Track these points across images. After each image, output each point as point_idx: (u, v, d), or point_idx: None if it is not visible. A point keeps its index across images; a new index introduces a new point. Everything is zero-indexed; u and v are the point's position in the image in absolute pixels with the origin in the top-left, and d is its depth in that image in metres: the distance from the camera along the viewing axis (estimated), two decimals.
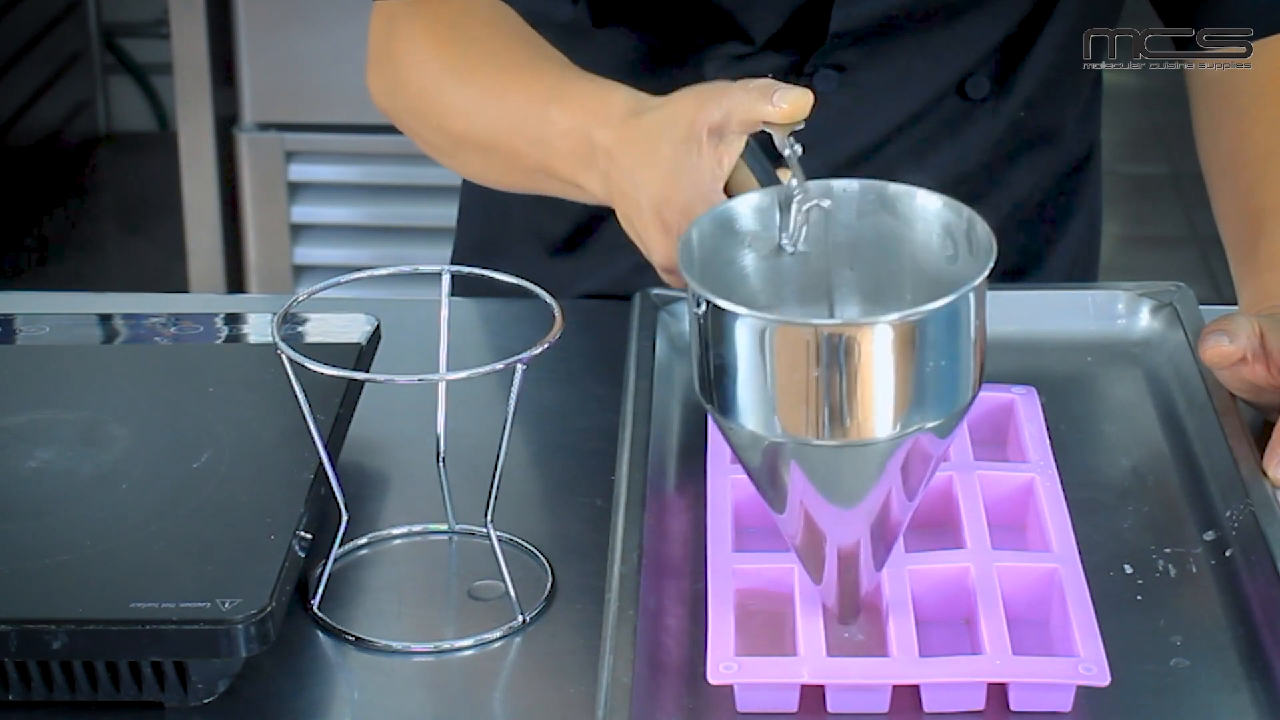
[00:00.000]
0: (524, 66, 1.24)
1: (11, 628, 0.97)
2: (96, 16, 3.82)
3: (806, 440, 0.94)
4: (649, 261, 1.15)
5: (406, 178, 2.87)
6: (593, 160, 1.15)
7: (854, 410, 0.93)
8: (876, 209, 1.01)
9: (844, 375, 0.92)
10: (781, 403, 0.94)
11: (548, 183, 1.22)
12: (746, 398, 0.94)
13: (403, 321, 1.26)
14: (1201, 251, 3.37)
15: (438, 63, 1.28)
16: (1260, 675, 1.01)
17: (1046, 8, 1.35)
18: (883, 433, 0.94)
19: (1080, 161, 1.47)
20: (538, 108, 1.19)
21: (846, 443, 0.94)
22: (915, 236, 1.00)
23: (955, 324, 0.94)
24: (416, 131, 1.31)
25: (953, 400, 0.95)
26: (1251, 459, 1.13)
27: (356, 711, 1.02)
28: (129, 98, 3.91)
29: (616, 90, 1.17)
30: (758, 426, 0.95)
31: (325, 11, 2.78)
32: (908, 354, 0.92)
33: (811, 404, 0.93)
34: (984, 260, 0.96)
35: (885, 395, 0.93)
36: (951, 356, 0.94)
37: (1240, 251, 1.30)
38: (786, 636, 1.01)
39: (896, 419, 0.93)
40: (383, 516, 1.15)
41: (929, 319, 0.92)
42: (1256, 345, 1.16)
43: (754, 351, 0.93)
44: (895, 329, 0.92)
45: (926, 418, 0.94)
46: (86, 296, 1.44)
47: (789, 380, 0.93)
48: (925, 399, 0.94)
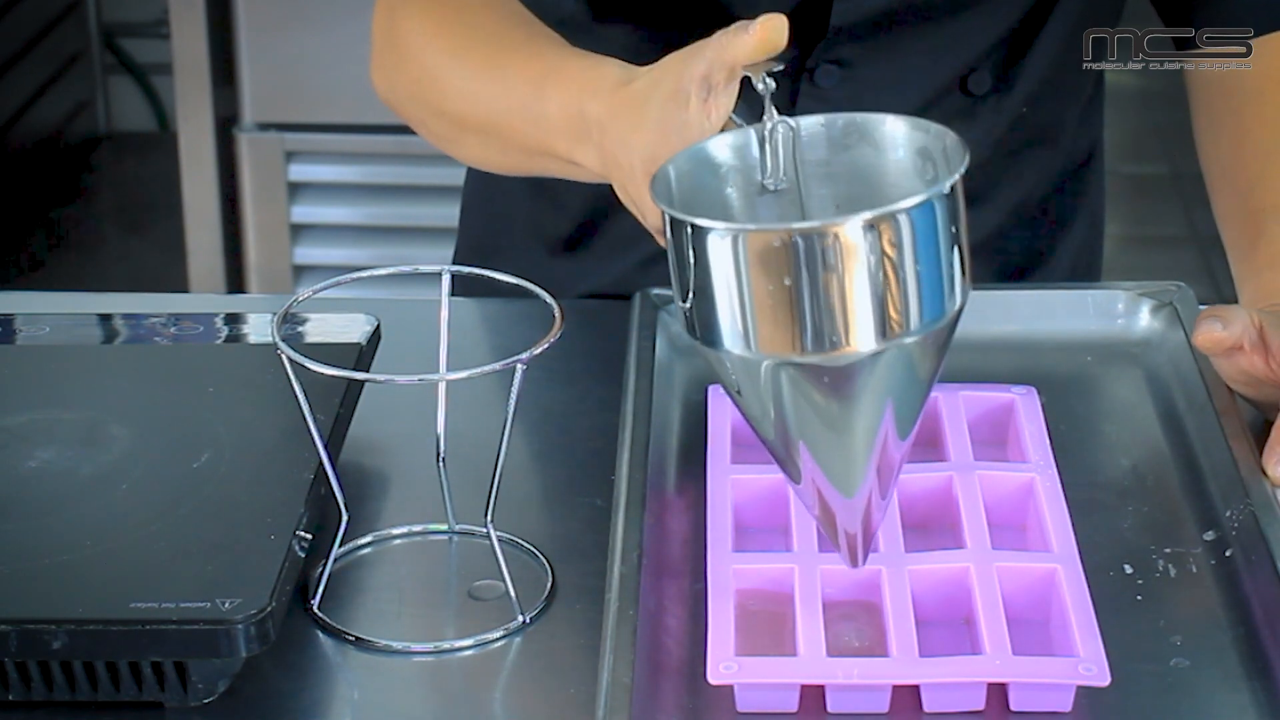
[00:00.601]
0: (521, 47, 1.24)
1: (11, 628, 0.97)
2: (96, 16, 3.82)
3: (788, 359, 0.92)
4: (649, 247, 1.14)
5: (406, 178, 2.87)
6: (586, 134, 1.15)
7: (835, 322, 0.91)
8: (853, 141, 0.99)
9: (821, 282, 0.90)
10: (760, 319, 0.91)
11: (546, 162, 1.22)
12: (726, 319, 0.92)
13: (403, 321, 1.26)
14: (1201, 251, 3.37)
15: (437, 46, 1.28)
16: (1260, 675, 1.01)
17: (1048, 3, 1.35)
18: (865, 345, 0.91)
19: (1082, 161, 1.47)
20: (534, 86, 1.19)
21: (829, 359, 0.91)
22: (891, 164, 0.99)
23: (931, 225, 0.91)
24: (418, 118, 1.32)
25: (937, 307, 0.93)
26: (1251, 459, 1.14)
27: (356, 711, 1.02)
28: (129, 98, 3.91)
29: (608, 64, 1.16)
30: (739, 348, 0.93)
31: (325, 11, 2.78)
32: (885, 255, 0.90)
33: (791, 317, 0.91)
34: (956, 163, 0.94)
35: (865, 303, 0.90)
36: (931, 260, 0.92)
37: (1240, 250, 1.30)
38: (786, 636, 1.01)
39: (879, 329, 0.91)
40: (383, 516, 1.15)
41: (903, 216, 0.90)
42: (1254, 336, 1.16)
43: (728, 267, 0.91)
44: (869, 227, 0.90)
45: (911, 328, 0.92)
46: (86, 296, 1.44)
47: (765, 293, 0.91)
48: (908, 307, 0.91)
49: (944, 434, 1.15)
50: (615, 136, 1.12)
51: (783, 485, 1.11)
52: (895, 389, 0.94)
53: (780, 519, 1.11)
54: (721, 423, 1.17)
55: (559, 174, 1.22)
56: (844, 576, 1.04)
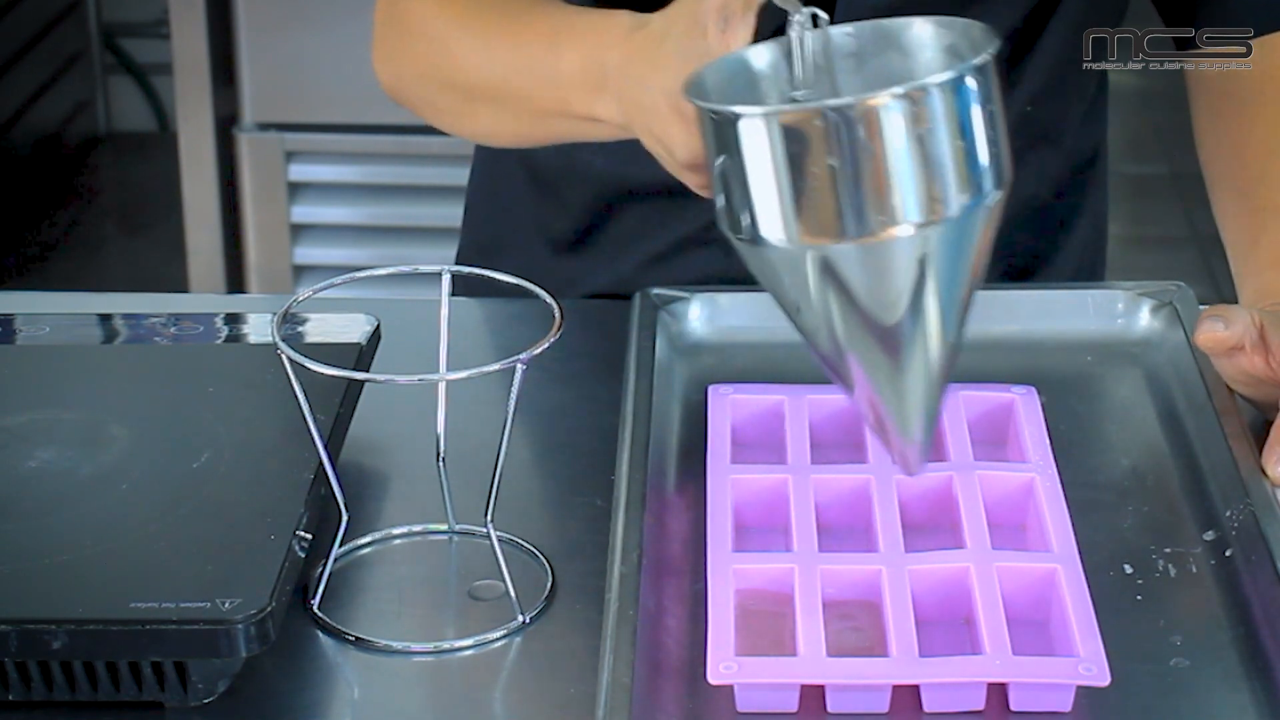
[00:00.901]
0: (530, 10, 1.24)
1: (11, 628, 0.97)
2: (96, 16, 3.82)
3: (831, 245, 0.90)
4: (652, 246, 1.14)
5: (406, 178, 2.87)
6: (604, 84, 1.15)
7: (875, 201, 0.89)
8: (881, 47, 0.99)
9: (858, 159, 0.89)
10: (800, 205, 0.90)
11: (562, 123, 1.21)
12: (765, 210, 0.91)
13: (403, 321, 1.26)
14: (1201, 251, 3.37)
15: (445, 17, 1.28)
16: (1260, 675, 1.01)
17: (1051, 2, 1.35)
18: (907, 223, 0.90)
19: (1086, 162, 1.47)
20: (546, 45, 1.19)
21: (871, 242, 0.90)
22: (921, 65, 0.98)
23: (965, 100, 0.91)
24: (425, 97, 1.31)
25: (977, 186, 0.92)
26: (1251, 459, 1.14)
27: (356, 711, 1.02)
28: (129, 98, 3.92)
29: (619, 14, 1.16)
30: (780, 239, 0.91)
31: (325, 11, 2.78)
32: (922, 132, 0.89)
33: (831, 199, 0.89)
34: (986, 45, 0.93)
35: (904, 178, 0.89)
36: (968, 136, 0.91)
37: (1241, 250, 1.30)
38: (786, 636, 1.01)
39: (921, 206, 0.90)
40: (383, 516, 1.15)
41: (935, 89, 0.90)
42: (1255, 336, 1.16)
43: (763, 152, 0.90)
44: (903, 99, 0.89)
45: (950, 206, 0.91)
46: (86, 296, 1.44)
47: (803, 176, 0.90)
48: (947, 185, 0.91)
49: (944, 434, 1.15)
50: (634, 79, 1.11)
51: (783, 485, 1.11)
52: (940, 273, 0.93)
53: (780, 519, 1.11)
54: (721, 423, 1.17)
55: (575, 135, 1.22)
56: (844, 576, 1.04)
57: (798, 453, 1.14)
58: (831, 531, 1.09)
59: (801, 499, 1.10)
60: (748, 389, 1.20)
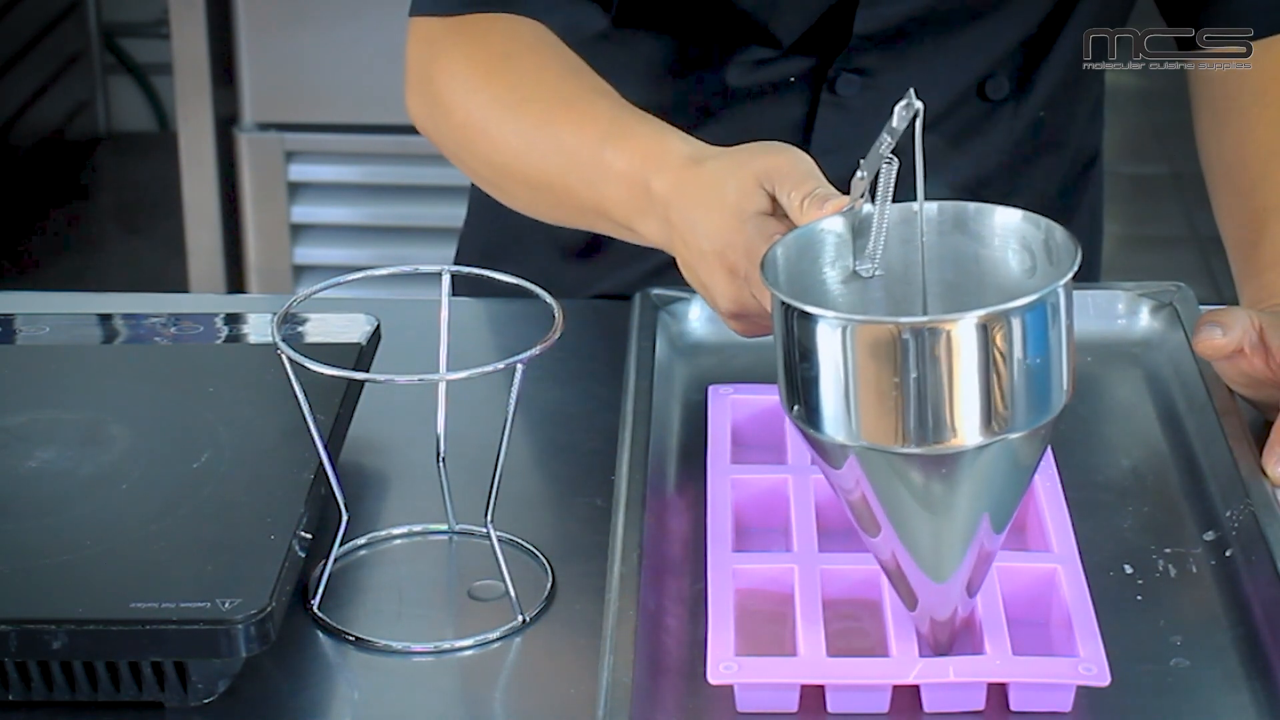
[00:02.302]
0: (576, 103, 1.23)
1: (11, 628, 0.97)
2: (96, 16, 3.82)
3: (891, 449, 0.92)
4: (661, 255, 1.14)
5: (406, 178, 2.87)
6: (649, 207, 1.15)
7: (940, 415, 0.91)
8: (953, 229, 0.99)
9: (928, 376, 0.90)
10: (864, 408, 0.91)
11: (600, 222, 1.21)
12: (829, 405, 0.92)
13: (403, 321, 1.26)
14: (1201, 251, 3.37)
15: (485, 94, 1.26)
16: (1260, 675, 1.01)
17: (1066, 8, 1.35)
18: (970, 440, 0.91)
19: (1088, 161, 1.47)
20: (592, 149, 1.19)
21: (934, 450, 0.91)
22: (992, 254, 0.99)
23: (1041, 324, 0.91)
24: (461, 160, 1.30)
25: (1044, 404, 0.93)
26: (1251, 459, 1.14)
27: (356, 711, 1.02)
28: (129, 98, 3.91)
29: (672, 136, 1.16)
30: (841, 435, 0.93)
31: (325, 11, 2.78)
32: (993, 354, 0.90)
33: (896, 408, 0.91)
34: (1068, 264, 0.93)
35: (971, 399, 0.91)
36: (1039, 359, 0.92)
37: (1241, 250, 1.30)
38: (786, 636, 1.01)
39: (984, 424, 0.91)
40: (383, 516, 1.15)
41: (1015, 316, 0.90)
42: (1254, 338, 1.16)
43: (835, 355, 0.91)
44: (980, 325, 0.90)
45: (1017, 424, 0.92)
46: (86, 296, 1.44)
47: (871, 383, 0.91)
48: (1014, 404, 0.92)
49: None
50: (684, 214, 1.12)
51: (783, 485, 1.11)
52: (996, 481, 0.94)
53: (780, 519, 1.11)
54: (721, 423, 1.17)
55: (611, 234, 1.22)
56: (844, 576, 1.04)
57: (798, 453, 1.14)
58: (831, 531, 1.09)
59: (801, 499, 1.10)
60: (748, 389, 1.20)
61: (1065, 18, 1.35)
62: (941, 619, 0.99)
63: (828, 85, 1.34)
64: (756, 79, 1.34)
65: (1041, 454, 0.96)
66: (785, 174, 1.08)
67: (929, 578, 0.97)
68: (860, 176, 0.99)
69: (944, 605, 0.98)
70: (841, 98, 1.34)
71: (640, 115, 1.20)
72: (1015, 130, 1.38)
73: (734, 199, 1.09)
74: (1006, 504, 0.96)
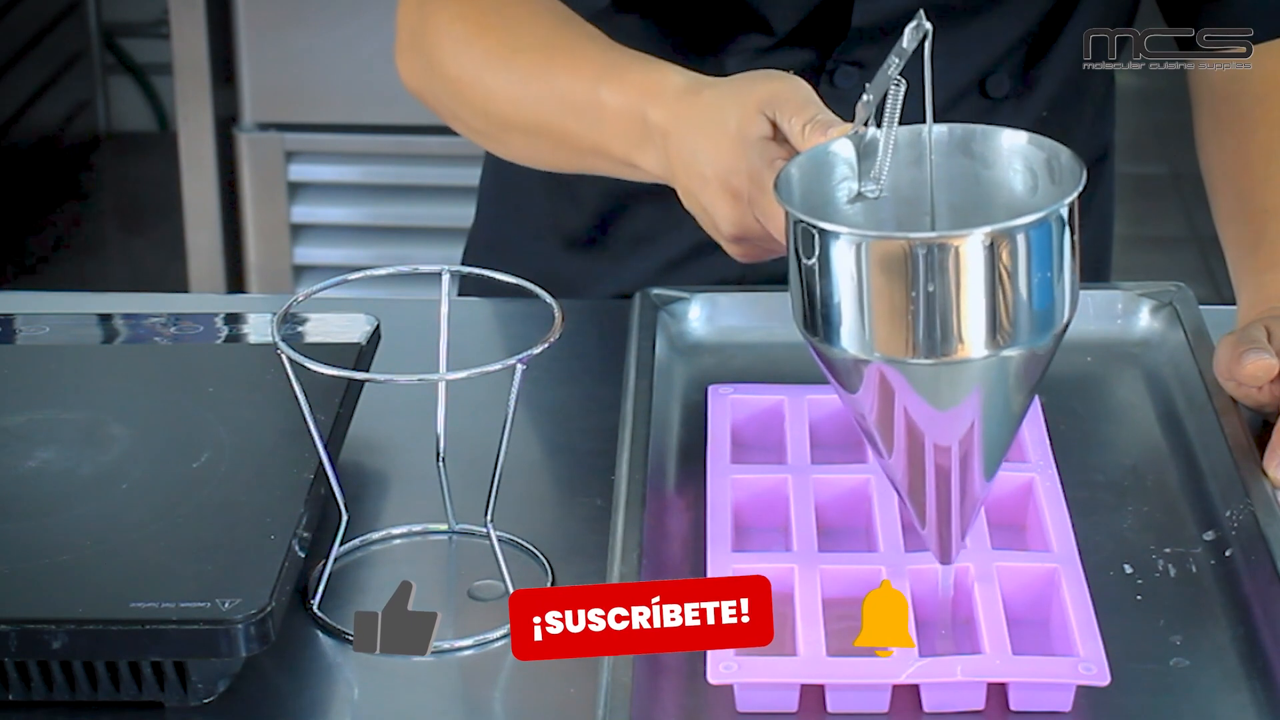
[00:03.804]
0: (569, 48, 1.24)
1: (11, 628, 0.97)
2: (96, 16, 3.82)
3: (904, 360, 0.94)
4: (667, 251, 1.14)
5: (406, 178, 2.87)
6: (648, 138, 1.15)
7: (948, 328, 0.93)
8: (959, 151, 1.01)
9: (937, 289, 0.92)
10: (878, 322, 0.94)
11: (599, 162, 1.22)
12: (844, 321, 0.95)
13: (403, 321, 1.26)
14: (1201, 251, 3.37)
15: (478, 48, 1.27)
16: (1260, 675, 1.01)
17: (1068, 7, 1.35)
18: (976, 351, 0.94)
19: (1095, 163, 1.47)
20: (587, 89, 1.19)
21: (943, 361, 0.94)
22: (998, 175, 1.01)
23: (1045, 242, 0.94)
24: (455, 113, 1.31)
25: (1048, 320, 0.95)
26: (1251, 459, 1.14)
27: (356, 711, 1.02)
28: (129, 98, 3.91)
29: (668, 69, 1.17)
30: (855, 348, 0.95)
31: (325, 11, 2.78)
32: (999, 269, 0.93)
33: (907, 321, 0.93)
34: (1071, 185, 0.96)
35: (978, 312, 0.93)
36: (1043, 275, 0.94)
37: (1240, 252, 1.29)
38: (786, 636, 1.01)
39: (991, 337, 0.94)
40: (383, 516, 1.15)
41: (1020, 234, 0.93)
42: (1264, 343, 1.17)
43: (849, 271, 0.93)
44: (987, 241, 0.92)
45: (1022, 337, 0.94)
46: (86, 296, 1.44)
47: (884, 297, 0.93)
48: (1019, 318, 0.94)
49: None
50: (684, 142, 1.12)
51: (783, 485, 1.11)
52: (1004, 392, 0.96)
53: (780, 519, 1.11)
54: (721, 423, 1.17)
55: (611, 173, 1.22)
56: (844, 576, 1.04)
57: (798, 453, 1.14)
58: (831, 531, 1.09)
59: (801, 499, 1.10)
60: (748, 389, 1.20)
61: (1067, 15, 1.35)
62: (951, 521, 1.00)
63: (827, 77, 1.33)
64: (755, 69, 1.34)
65: (1045, 368, 0.97)
66: (786, 100, 1.09)
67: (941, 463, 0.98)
68: (866, 99, 1.00)
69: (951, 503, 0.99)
70: (841, 90, 1.34)
71: (634, 54, 1.21)
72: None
73: (735, 125, 1.09)
74: (1013, 414, 0.98)
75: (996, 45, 1.35)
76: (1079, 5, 1.35)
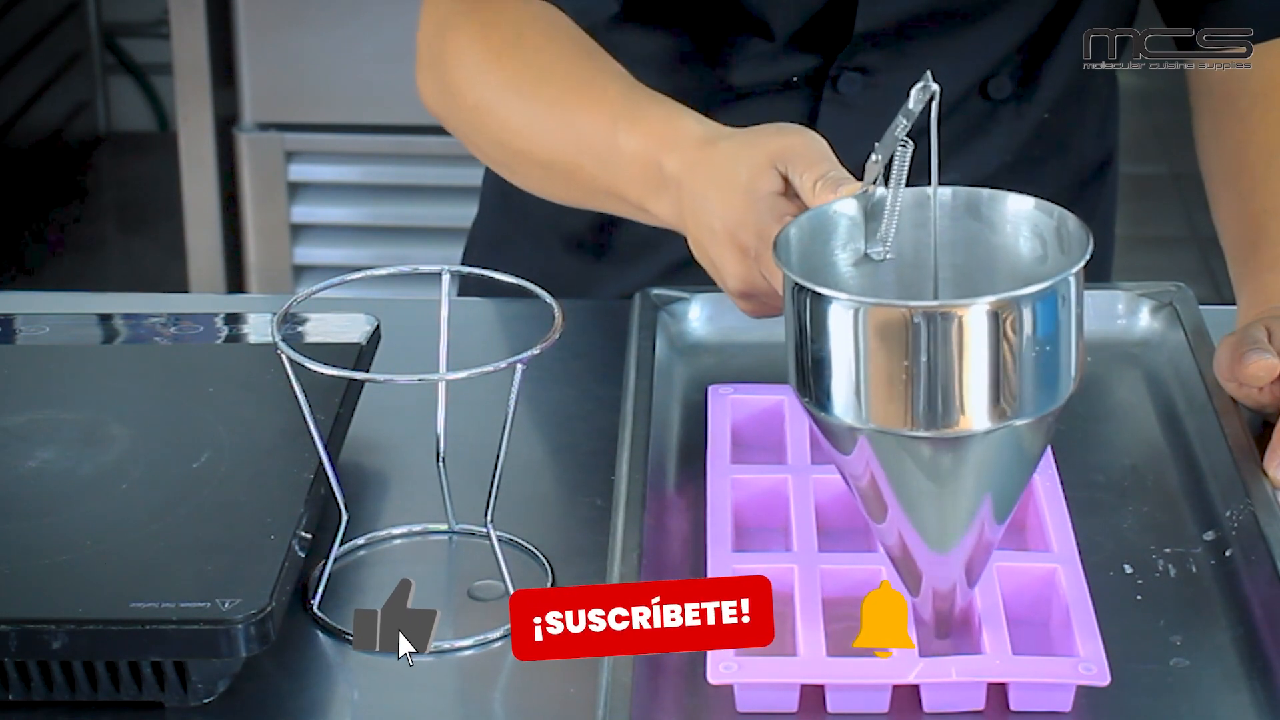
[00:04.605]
0: (588, 84, 1.23)
1: (11, 628, 0.97)
2: (96, 16, 3.82)
3: (901, 432, 0.92)
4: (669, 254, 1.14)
5: (406, 178, 2.87)
6: (662, 186, 1.15)
7: (949, 400, 0.91)
8: (965, 214, 0.99)
9: (939, 360, 0.90)
10: (874, 391, 0.92)
11: (612, 203, 1.21)
12: (839, 388, 0.93)
13: (403, 321, 1.26)
14: (1201, 251, 3.37)
15: (496, 76, 1.26)
16: (1260, 675, 1.01)
17: (1069, 8, 1.35)
18: (978, 425, 0.92)
19: (1100, 166, 1.47)
20: (605, 129, 1.19)
21: (943, 434, 0.92)
22: (1004, 240, 0.99)
23: (1052, 312, 0.92)
24: (472, 141, 1.30)
25: (1051, 392, 0.93)
26: (1251, 459, 1.14)
27: (356, 711, 1.02)
28: (129, 98, 3.91)
29: (686, 116, 1.17)
30: (850, 417, 0.93)
31: (325, 11, 2.78)
32: (1003, 340, 0.91)
33: (906, 392, 0.91)
34: (1079, 253, 0.94)
35: (980, 384, 0.91)
36: (1049, 347, 0.92)
37: (1240, 252, 1.29)
38: (786, 636, 1.01)
39: (992, 410, 0.92)
40: (383, 516, 1.15)
41: (1024, 303, 0.91)
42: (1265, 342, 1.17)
43: (847, 337, 0.92)
44: (991, 311, 0.90)
45: (1023, 411, 0.93)
46: (86, 296, 1.44)
47: (882, 366, 0.91)
48: (1022, 391, 0.92)
49: None
50: (695, 194, 1.12)
51: (783, 485, 1.11)
52: (1001, 466, 0.95)
53: (780, 519, 1.11)
54: (721, 423, 1.17)
55: (623, 214, 1.22)
56: (844, 576, 1.04)
57: (798, 453, 1.14)
58: (831, 531, 1.09)
59: (801, 499, 1.10)
60: (748, 389, 1.20)
61: (1068, 17, 1.35)
62: (944, 597, 0.99)
63: (830, 83, 1.34)
64: (760, 76, 1.34)
65: (1046, 442, 0.96)
66: (799, 155, 1.08)
67: (933, 550, 0.97)
68: (874, 160, 0.99)
69: (946, 581, 0.98)
70: (844, 96, 1.34)
71: (653, 96, 1.20)
72: (1019, 132, 1.38)
73: (746, 179, 1.09)
74: (1010, 490, 0.96)
75: (998, 48, 1.35)
76: (1080, 7, 1.35)
